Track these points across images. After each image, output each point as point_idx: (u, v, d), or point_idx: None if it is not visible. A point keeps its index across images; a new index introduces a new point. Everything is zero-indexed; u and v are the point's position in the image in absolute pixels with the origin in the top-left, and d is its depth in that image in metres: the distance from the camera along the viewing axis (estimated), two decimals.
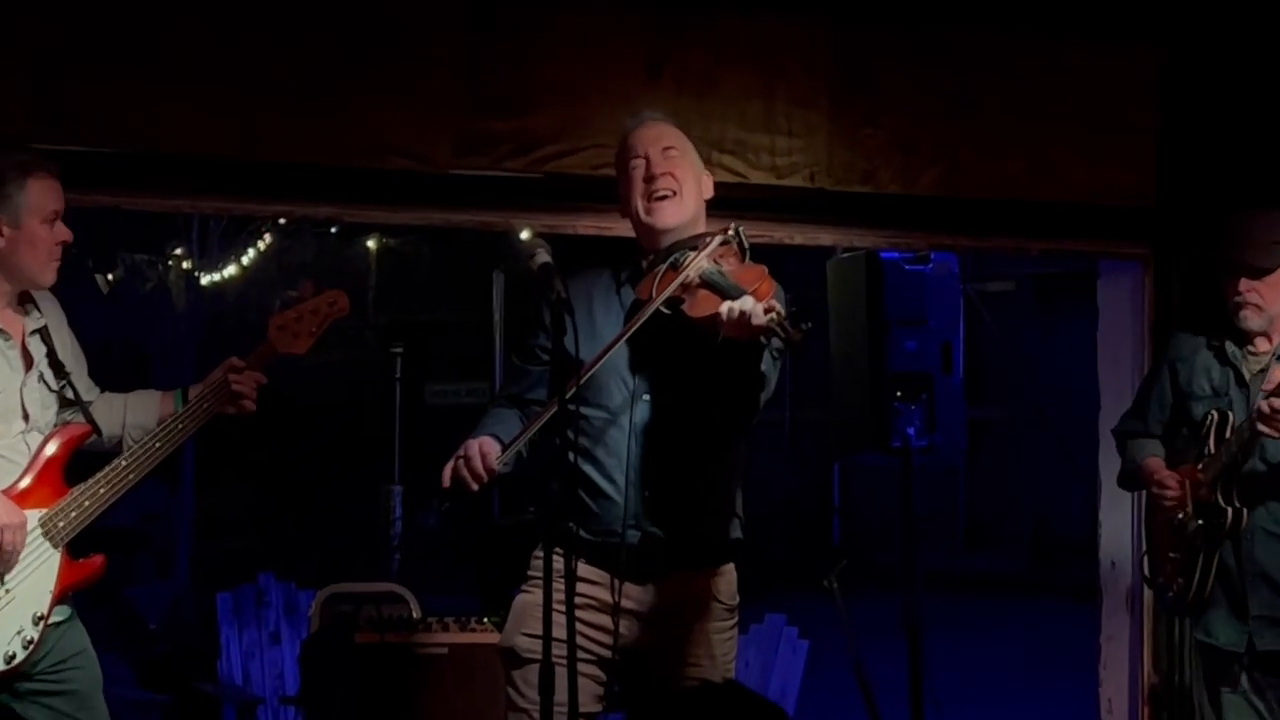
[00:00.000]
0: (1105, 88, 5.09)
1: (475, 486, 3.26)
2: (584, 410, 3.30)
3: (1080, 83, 5.06)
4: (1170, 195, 5.13)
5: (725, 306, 3.13)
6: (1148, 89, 5.12)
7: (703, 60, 4.74)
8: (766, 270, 3.32)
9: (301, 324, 3.58)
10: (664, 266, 3.39)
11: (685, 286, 3.31)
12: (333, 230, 11.46)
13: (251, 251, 11.28)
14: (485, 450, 3.27)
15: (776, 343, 3.16)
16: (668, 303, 3.30)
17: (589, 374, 3.26)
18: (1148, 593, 5.06)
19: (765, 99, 4.79)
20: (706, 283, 3.29)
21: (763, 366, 3.27)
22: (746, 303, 3.11)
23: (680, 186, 3.46)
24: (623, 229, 3.67)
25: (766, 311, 3.08)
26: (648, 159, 3.47)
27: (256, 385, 3.53)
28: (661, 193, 3.45)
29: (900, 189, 4.92)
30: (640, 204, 3.47)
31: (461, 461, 3.27)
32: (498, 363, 10.55)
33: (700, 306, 3.26)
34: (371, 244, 13.50)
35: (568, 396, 3.17)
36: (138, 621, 8.67)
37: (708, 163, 4.48)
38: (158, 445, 3.45)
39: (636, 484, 3.34)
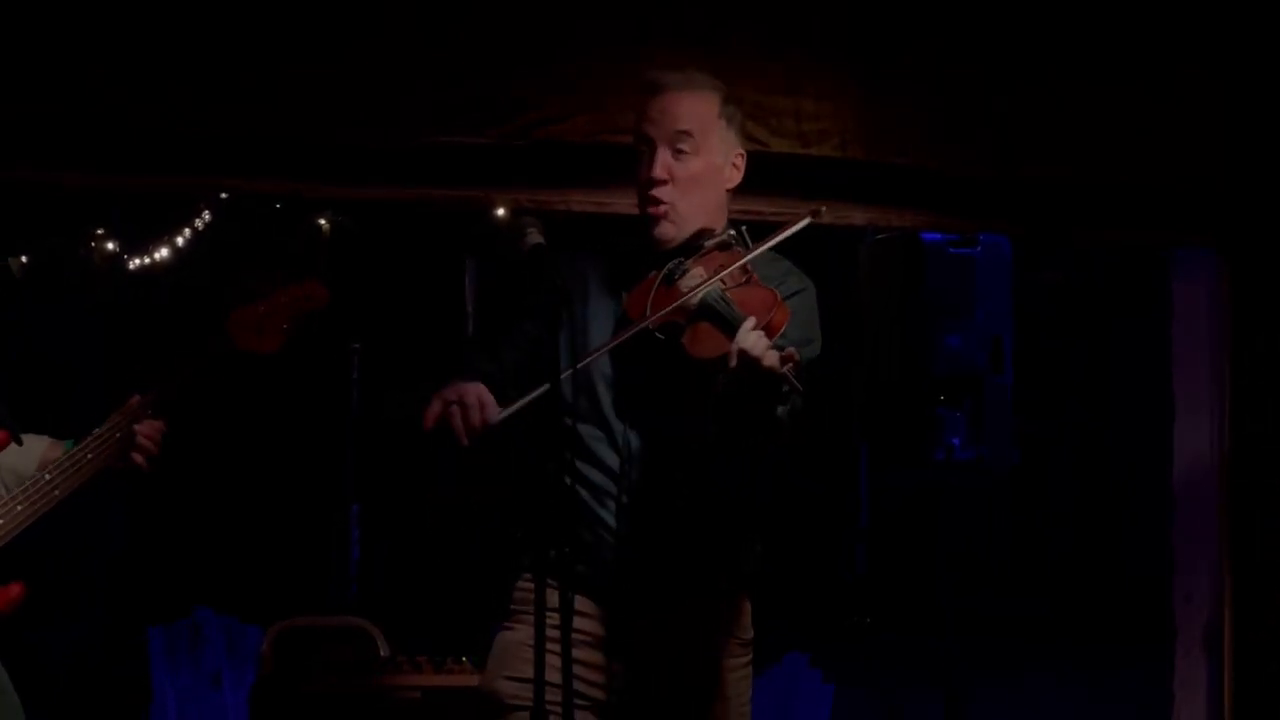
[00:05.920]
0: (1166, 48, 5.06)
1: (465, 441, 3.14)
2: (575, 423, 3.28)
3: (1138, 43, 5.04)
4: (1241, 174, 5.11)
5: (733, 350, 3.04)
6: (1214, 48, 5.10)
7: (699, 16, 4.70)
8: (779, 296, 3.23)
9: (270, 320, 3.52)
10: (659, 278, 3.31)
11: (683, 310, 3.22)
12: (277, 206, 11.40)
13: (188, 230, 11.22)
14: (484, 400, 3.14)
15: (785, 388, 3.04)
16: (662, 328, 3.23)
17: (573, 377, 3.22)
18: (1230, 631, 5.06)
19: (782, 54, 4.75)
20: (708, 312, 3.19)
21: (778, 412, 3.14)
22: (756, 344, 3.02)
23: (678, 201, 3.35)
24: (622, 205, 3.63)
25: (784, 360, 2.99)
26: (653, 152, 3.36)
27: (160, 435, 3.45)
28: (653, 207, 3.36)
29: (936, 165, 4.89)
30: (640, 204, 3.39)
31: (455, 407, 3.14)
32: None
33: (701, 343, 3.17)
34: (323, 222, 13.40)
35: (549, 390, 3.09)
36: (43, 674, 8.60)
37: None
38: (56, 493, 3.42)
39: (632, 504, 3.33)
